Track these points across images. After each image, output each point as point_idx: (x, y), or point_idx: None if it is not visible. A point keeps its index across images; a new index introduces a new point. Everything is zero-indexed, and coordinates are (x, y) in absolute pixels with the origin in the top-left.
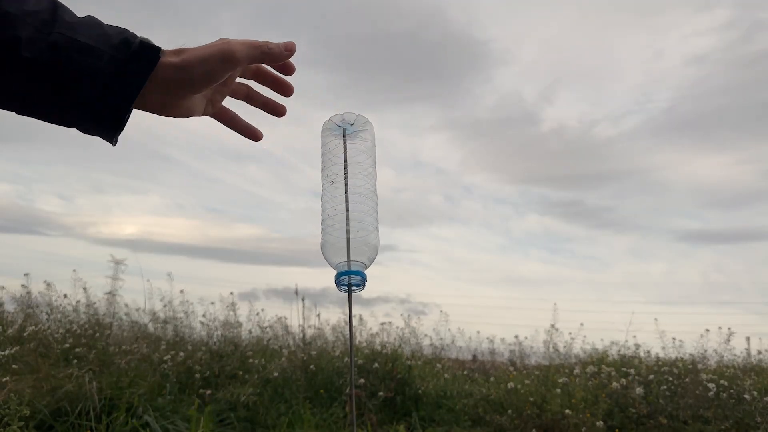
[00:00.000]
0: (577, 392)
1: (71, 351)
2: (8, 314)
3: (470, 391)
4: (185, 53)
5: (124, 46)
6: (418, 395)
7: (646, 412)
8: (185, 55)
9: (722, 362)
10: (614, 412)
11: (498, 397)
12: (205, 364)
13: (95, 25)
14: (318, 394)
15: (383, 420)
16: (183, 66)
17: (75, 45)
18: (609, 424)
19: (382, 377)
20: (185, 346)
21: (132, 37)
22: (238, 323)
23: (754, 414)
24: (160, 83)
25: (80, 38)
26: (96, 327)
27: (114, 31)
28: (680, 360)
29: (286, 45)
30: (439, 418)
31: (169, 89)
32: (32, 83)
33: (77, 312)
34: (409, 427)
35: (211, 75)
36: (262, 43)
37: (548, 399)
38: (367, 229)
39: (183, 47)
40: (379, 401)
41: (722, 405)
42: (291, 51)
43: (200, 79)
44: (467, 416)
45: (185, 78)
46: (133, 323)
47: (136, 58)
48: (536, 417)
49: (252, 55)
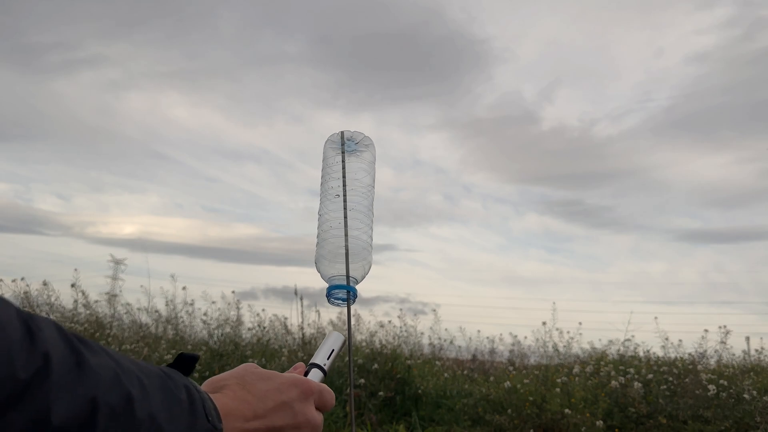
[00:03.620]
0: (577, 392)
1: None
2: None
3: (470, 391)
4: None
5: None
6: (418, 395)
7: (646, 412)
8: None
9: (722, 362)
10: (614, 411)
11: (497, 397)
12: (205, 363)
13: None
14: None
15: (383, 419)
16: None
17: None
18: (609, 424)
19: (381, 377)
20: (185, 346)
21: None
22: (239, 322)
23: (754, 414)
24: None
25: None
26: (96, 326)
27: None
28: (680, 360)
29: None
30: (439, 417)
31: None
32: None
33: (77, 312)
34: (409, 426)
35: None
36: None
37: (548, 398)
38: (361, 245)
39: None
40: (378, 401)
41: (722, 405)
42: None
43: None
44: (467, 416)
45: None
46: (133, 323)
47: None
48: (536, 416)
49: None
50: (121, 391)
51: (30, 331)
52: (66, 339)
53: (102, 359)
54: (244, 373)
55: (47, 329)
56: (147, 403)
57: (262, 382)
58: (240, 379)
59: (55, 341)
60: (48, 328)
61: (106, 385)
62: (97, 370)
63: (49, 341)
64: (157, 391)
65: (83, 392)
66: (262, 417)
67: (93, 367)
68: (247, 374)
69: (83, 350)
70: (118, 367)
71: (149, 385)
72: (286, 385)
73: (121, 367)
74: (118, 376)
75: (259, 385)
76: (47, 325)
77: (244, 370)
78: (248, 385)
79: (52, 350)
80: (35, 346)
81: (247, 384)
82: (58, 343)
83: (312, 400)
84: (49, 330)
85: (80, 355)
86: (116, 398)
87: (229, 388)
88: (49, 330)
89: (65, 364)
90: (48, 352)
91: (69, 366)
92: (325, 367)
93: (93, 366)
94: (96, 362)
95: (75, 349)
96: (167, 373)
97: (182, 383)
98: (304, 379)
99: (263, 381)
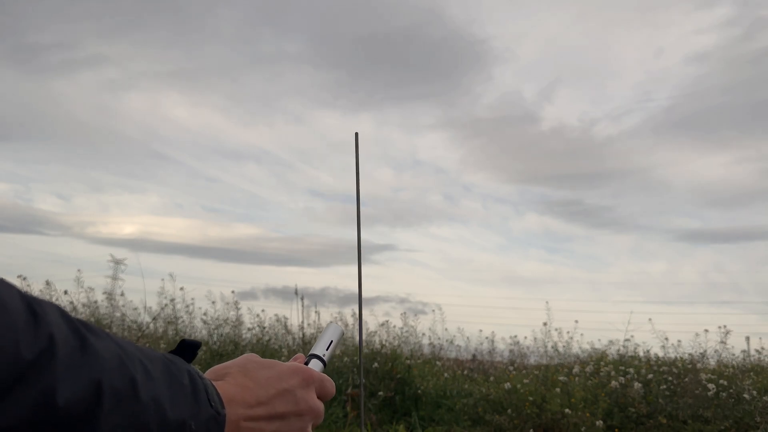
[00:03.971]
0: (577, 392)
1: None
2: None
3: (470, 391)
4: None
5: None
6: (418, 395)
7: (646, 412)
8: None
9: (722, 362)
10: (614, 411)
11: (497, 397)
12: (205, 363)
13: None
14: None
15: (383, 419)
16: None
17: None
18: (609, 424)
19: (381, 377)
20: None
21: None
22: (239, 322)
23: (754, 413)
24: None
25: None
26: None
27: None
28: (680, 360)
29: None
30: (439, 417)
31: None
32: None
33: (76, 312)
34: (409, 426)
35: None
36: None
37: (548, 398)
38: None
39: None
40: (378, 401)
41: (722, 404)
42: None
43: None
44: (467, 416)
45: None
46: (133, 322)
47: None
48: (536, 416)
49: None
50: (125, 374)
51: (35, 312)
52: (70, 322)
53: (106, 343)
54: (246, 362)
55: (51, 312)
56: (151, 387)
57: (264, 369)
58: (242, 367)
59: (59, 324)
60: (52, 312)
61: (110, 368)
62: (102, 353)
63: (54, 324)
64: (161, 375)
65: (88, 374)
66: (264, 404)
67: (97, 351)
68: (249, 363)
69: (87, 334)
70: (122, 352)
71: (153, 369)
72: (287, 373)
73: (125, 352)
74: (122, 360)
75: (261, 373)
76: (51, 309)
77: (245, 359)
78: (250, 372)
79: (57, 332)
80: (39, 327)
81: (249, 372)
82: (62, 326)
83: (313, 388)
84: (53, 313)
85: (84, 339)
86: (120, 381)
87: (231, 375)
88: (53, 313)
89: (69, 346)
90: (53, 333)
91: (73, 348)
92: (324, 357)
93: (97, 349)
94: (100, 346)
95: (79, 333)
96: (170, 359)
97: (185, 369)
98: (305, 368)
99: (264, 369)
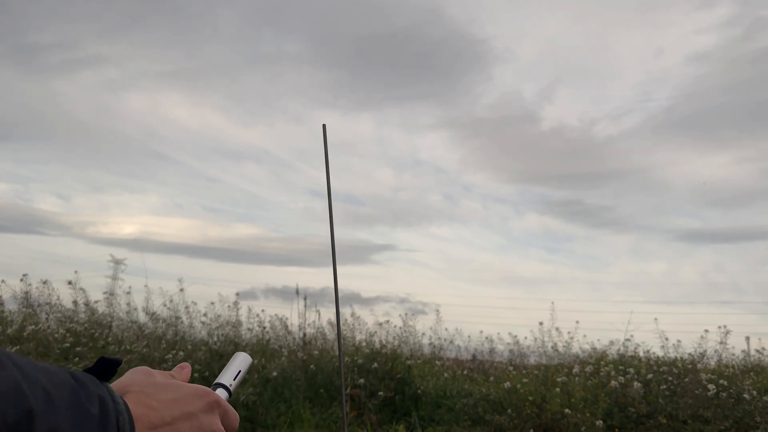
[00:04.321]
0: (577, 391)
1: (71, 350)
2: (8, 314)
3: (470, 391)
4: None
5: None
6: (418, 395)
7: (646, 412)
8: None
9: (722, 362)
10: (614, 411)
11: (497, 397)
12: (205, 363)
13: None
14: (318, 394)
15: (383, 419)
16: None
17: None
18: (609, 424)
19: (381, 377)
20: (185, 345)
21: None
22: (239, 322)
23: (754, 413)
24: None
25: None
26: (96, 326)
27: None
28: (680, 360)
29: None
30: (439, 417)
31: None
32: None
33: (77, 311)
34: (409, 426)
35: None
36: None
37: (548, 398)
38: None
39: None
40: (378, 401)
41: (722, 404)
42: None
43: None
44: (467, 416)
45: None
46: (133, 322)
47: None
48: (536, 416)
49: None
50: (20, 406)
51: None
52: None
53: (3, 372)
54: (146, 382)
55: None
56: (50, 418)
57: (168, 390)
58: (144, 386)
59: None
60: None
61: (4, 400)
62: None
63: None
64: (66, 404)
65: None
66: (169, 424)
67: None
68: (150, 383)
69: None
70: (24, 379)
71: (57, 398)
72: (192, 396)
73: (27, 379)
74: (20, 389)
75: (165, 394)
76: None
77: (144, 379)
78: (153, 393)
79: None
80: None
81: (152, 392)
82: None
83: (218, 414)
84: None
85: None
86: (14, 415)
87: (133, 394)
88: None
89: None
90: None
91: None
92: (231, 387)
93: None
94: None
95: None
96: (82, 383)
97: (96, 394)
98: (210, 392)
99: (169, 389)
